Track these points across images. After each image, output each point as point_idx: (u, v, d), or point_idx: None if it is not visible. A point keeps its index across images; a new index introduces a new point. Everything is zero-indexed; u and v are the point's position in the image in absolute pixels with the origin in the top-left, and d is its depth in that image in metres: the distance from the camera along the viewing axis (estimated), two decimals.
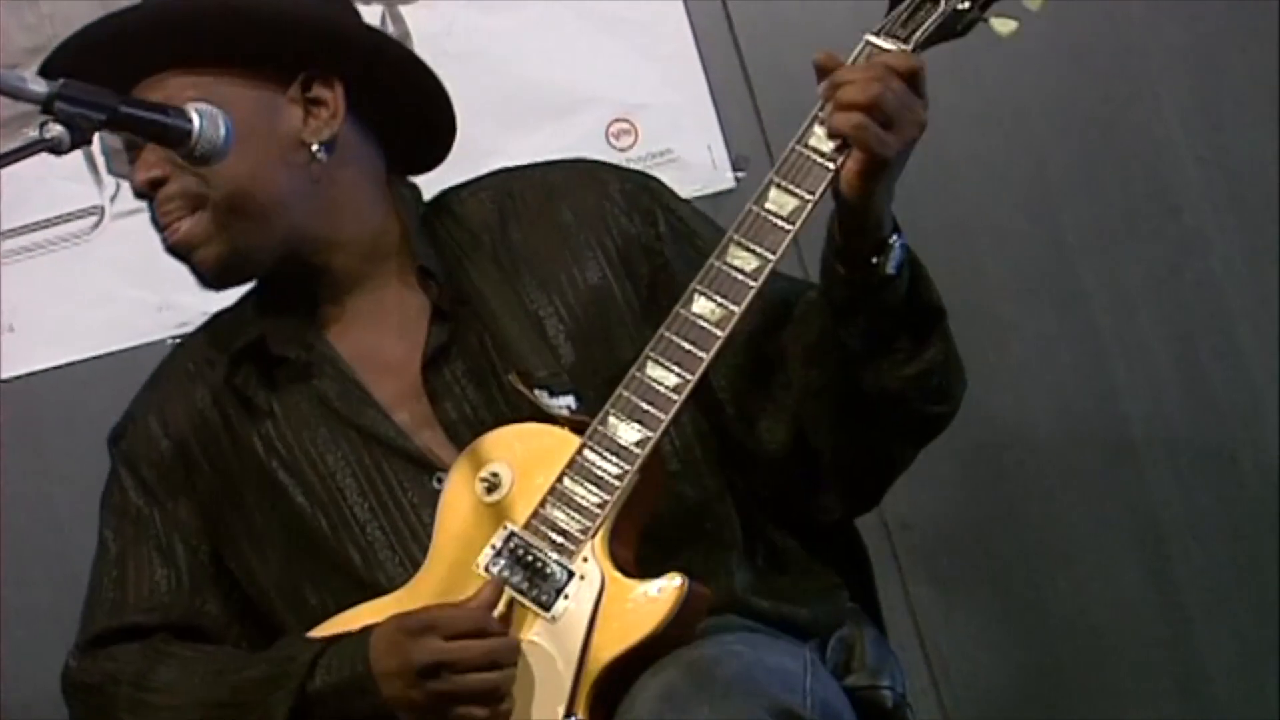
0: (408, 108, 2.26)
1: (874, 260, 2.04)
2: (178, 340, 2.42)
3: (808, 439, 2.15)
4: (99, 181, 3.08)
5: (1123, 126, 2.98)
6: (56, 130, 1.91)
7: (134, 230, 3.07)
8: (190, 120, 2.01)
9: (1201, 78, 2.96)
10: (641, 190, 2.26)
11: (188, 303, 3.01)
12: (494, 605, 2.02)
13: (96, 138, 1.98)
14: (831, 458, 2.15)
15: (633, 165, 2.94)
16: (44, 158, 1.92)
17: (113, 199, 3.08)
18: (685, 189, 2.96)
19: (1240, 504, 2.96)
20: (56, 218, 3.08)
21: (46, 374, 3.09)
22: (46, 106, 1.91)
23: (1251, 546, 2.95)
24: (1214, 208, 2.96)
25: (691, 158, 2.98)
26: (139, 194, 2.21)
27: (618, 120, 3.00)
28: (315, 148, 2.19)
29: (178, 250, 2.21)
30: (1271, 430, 2.95)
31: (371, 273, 2.22)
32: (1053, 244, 2.99)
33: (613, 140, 2.99)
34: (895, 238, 2.05)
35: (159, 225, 2.21)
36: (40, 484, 3.07)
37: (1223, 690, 2.96)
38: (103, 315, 3.08)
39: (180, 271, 3.03)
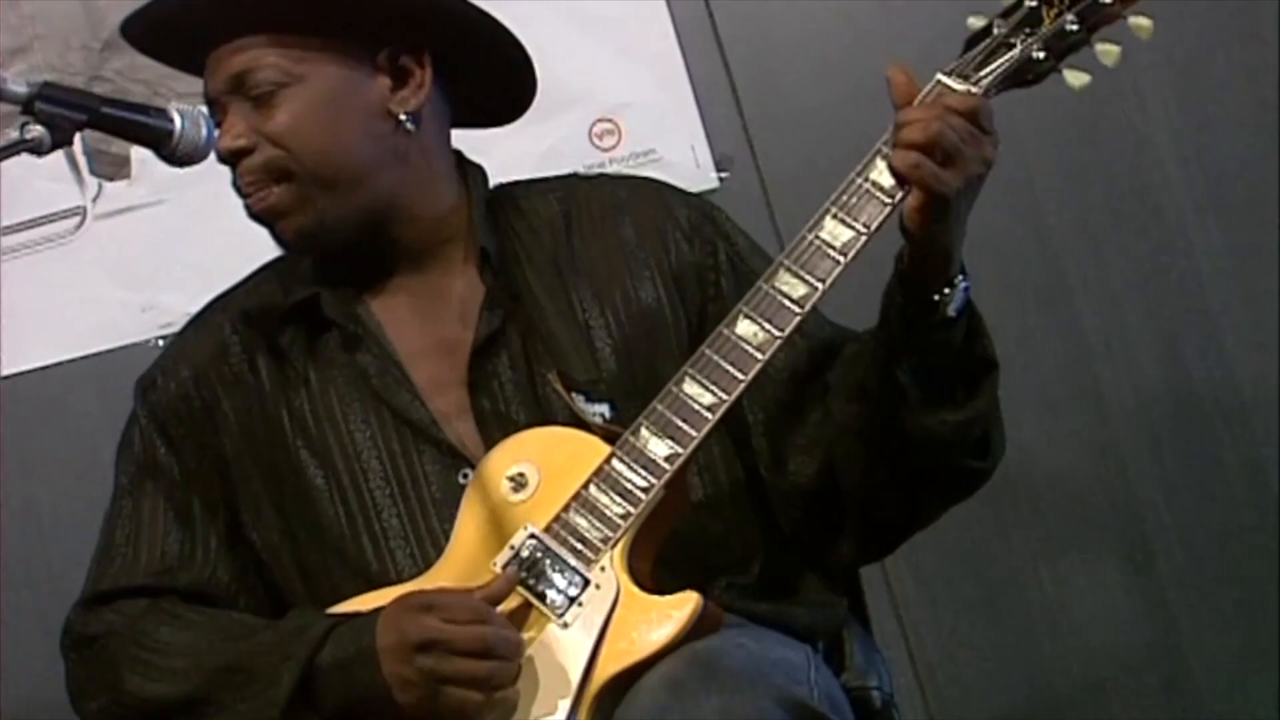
0: (492, 81, 2.25)
1: (936, 298, 2.03)
2: (161, 342, 2.41)
3: (838, 478, 2.13)
4: (81, 182, 3.07)
5: (1107, 126, 2.98)
6: (37, 131, 1.91)
7: (117, 231, 3.07)
8: (172, 121, 2.01)
9: (1185, 77, 2.97)
10: (705, 219, 2.26)
11: (172, 303, 3.00)
12: (502, 598, 2.01)
13: (79, 138, 1.98)
14: (858, 501, 2.13)
15: (616, 165, 2.97)
16: (26, 158, 1.92)
17: (95, 199, 3.07)
18: None
19: (1224, 502, 2.96)
20: (39, 219, 3.07)
21: (30, 375, 3.08)
22: (27, 107, 1.91)
23: (1235, 544, 2.95)
24: (1197, 207, 2.97)
25: (675, 158, 2.97)
26: (222, 160, 2.18)
27: (601, 120, 3.00)
28: (403, 118, 2.18)
29: (262, 218, 2.18)
30: (1255, 428, 2.95)
31: (436, 252, 2.21)
32: (1037, 242, 3.00)
33: (596, 140, 2.99)
34: (961, 279, 2.04)
35: (242, 193, 2.19)
36: (25, 485, 3.06)
37: (1208, 688, 2.96)
38: (87, 316, 3.07)
39: (164, 272, 3.05)
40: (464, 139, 2.29)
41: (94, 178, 3.07)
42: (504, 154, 2.37)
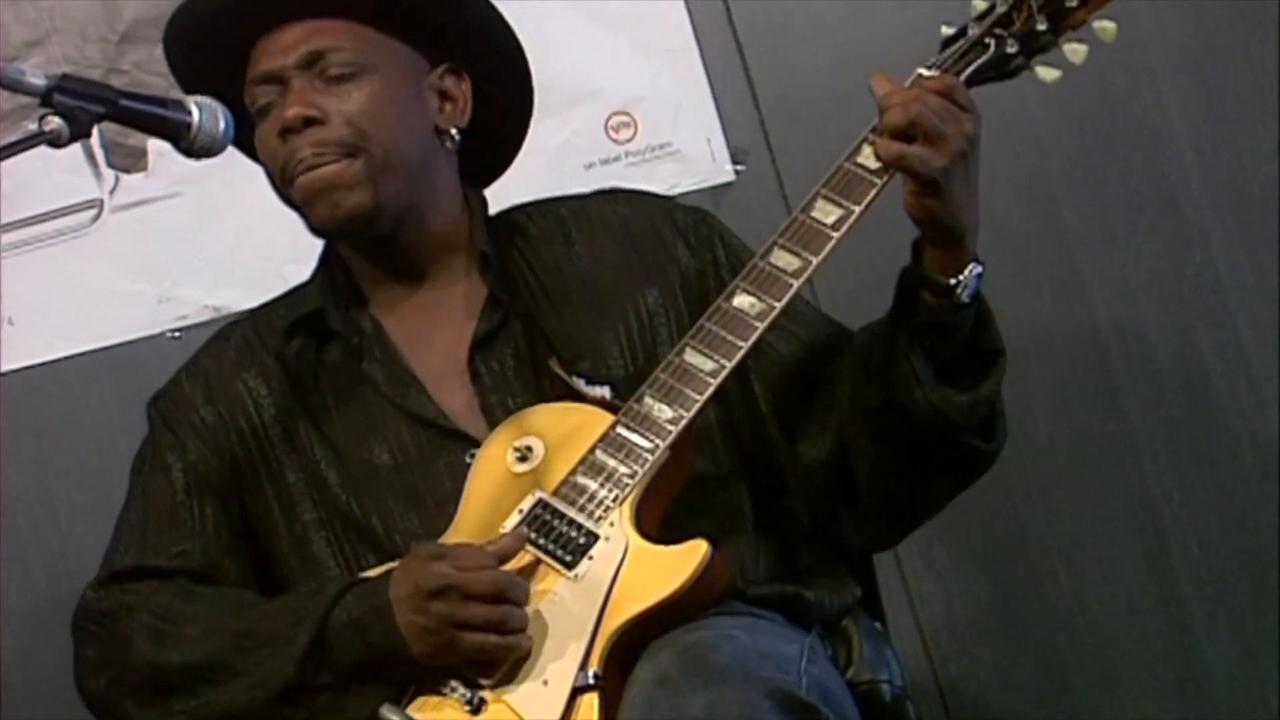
0: (500, 119, 2.33)
1: (952, 282, 2.10)
2: (177, 334, 2.42)
3: (848, 457, 2.18)
4: (98, 174, 3.07)
5: (1123, 120, 2.98)
6: (55, 123, 1.92)
7: (133, 223, 3.07)
8: (189, 113, 2.02)
9: (1202, 71, 2.96)
10: (701, 222, 2.33)
11: (187, 295, 3.01)
12: (512, 554, 2.05)
13: (96, 130, 1.98)
14: (869, 482, 2.18)
15: (631, 158, 2.98)
16: (43, 150, 1.93)
17: (112, 192, 3.07)
18: (685, 182, 2.97)
19: (1239, 498, 2.96)
20: (56, 211, 3.08)
21: (46, 367, 3.08)
22: (45, 99, 1.92)
23: (1251, 540, 2.95)
24: (1213, 201, 2.96)
25: (691, 151, 2.97)
26: (286, 129, 2.20)
27: (617, 113, 3.00)
28: (454, 133, 2.26)
29: (311, 189, 2.20)
30: (1271, 424, 2.95)
31: (438, 261, 2.28)
32: (1053, 237, 2.99)
33: (612, 133, 2.99)
34: (974, 266, 2.11)
35: (294, 167, 2.20)
36: (40, 477, 3.06)
37: (1222, 684, 2.96)
38: (102, 308, 3.07)
39: (181, 264, 3.05)
40: None
41: (111, 170, 3.07)
42: (522, 146, 2.38)
